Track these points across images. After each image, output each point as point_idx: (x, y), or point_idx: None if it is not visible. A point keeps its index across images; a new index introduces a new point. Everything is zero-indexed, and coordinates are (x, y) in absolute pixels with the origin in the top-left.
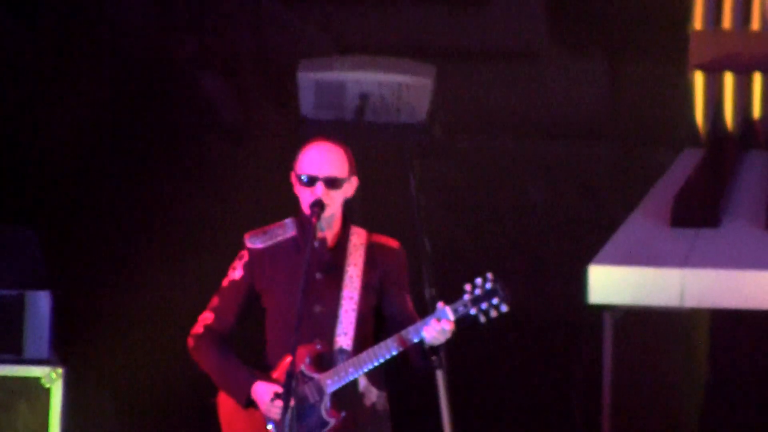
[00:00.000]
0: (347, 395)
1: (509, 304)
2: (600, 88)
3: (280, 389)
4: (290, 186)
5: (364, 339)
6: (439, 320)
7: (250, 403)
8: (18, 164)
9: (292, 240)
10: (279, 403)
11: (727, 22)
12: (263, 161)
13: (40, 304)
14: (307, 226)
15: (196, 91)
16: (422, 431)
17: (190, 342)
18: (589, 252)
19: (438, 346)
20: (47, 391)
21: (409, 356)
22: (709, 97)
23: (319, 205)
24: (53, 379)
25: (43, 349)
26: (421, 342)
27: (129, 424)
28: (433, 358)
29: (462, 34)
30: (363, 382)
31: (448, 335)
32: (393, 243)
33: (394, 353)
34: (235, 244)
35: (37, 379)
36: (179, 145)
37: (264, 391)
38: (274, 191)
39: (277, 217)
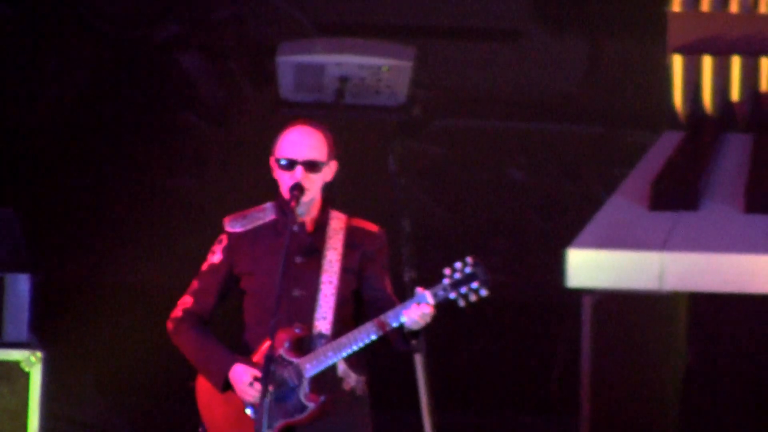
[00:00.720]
0: (326, 379)
1: (489, 288)
2: (580, 68)
3: (258, 372)
4: (268, 166)
5: (344, 323)
6: (418, 304)
7: (227, 387)
8: (1, 145)
9: (272, 224)
10: (257, 386)
11: (705, 4)
12: (243, 142)
13: (20, 287)
14: (286, 209)
15: (176, 72)
16: (401, 415)
17: (170, 325)
18: (569, 232)
19: (418, 329)
20: (27, 375)
21: (390, 340)
22: (688, 80)
23: (298, 189)
24: (33, 363)
25: (23, 332)
26: (401, 326)
27: (110, 408)
28: (413, 342)
29: (442, 14)
30: (342, 367)
31: (428, 319)
32: (373, 227)
33: (374, 337)
34: (214, 226)
35: (16, 363)
36: (159, 126)
37: (242, 374)
38: (253, 172)
39: (257, 198)
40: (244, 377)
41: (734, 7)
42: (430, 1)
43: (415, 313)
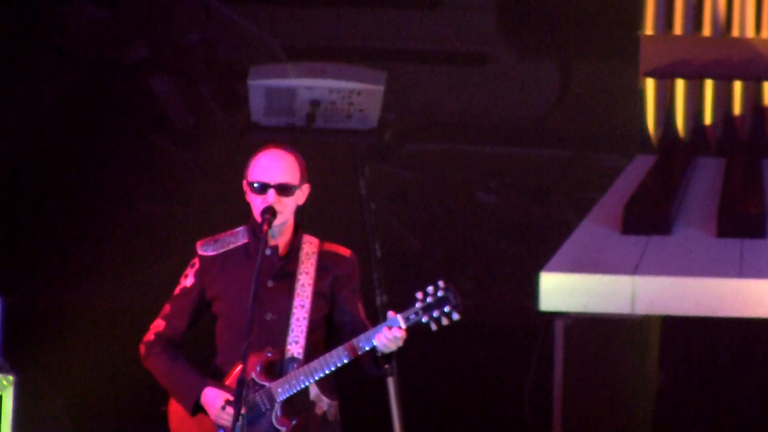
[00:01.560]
0: (298, 403)
1: (461, 312)
2: (551, 91)
3: (230, 396)
4: (239, 190)
5: (316, 347)
6: (390, 328)
7: (197, 409)
8: None
9: (244, 247)
10: (230, 410)
11: (677, 27)
12: (213, 165)
13: None
14: (258, 233)
15: (145, 95)
16: None
17: (142, 349)
18: (541, 256)
19: (390, 353)
20: None
21: (362, 363)
22: (660, 103)
23: (270, 212)
24: (4, 386)
25: None
26: (373, 350)
27: (82, 431)
28: (386, 366)
29: (412, 37)
30: (314, 391)
31: (400, 343)
32: (345, 251)
33: (346, 361)
34: (185, 249)
35: None
36: (129, 149)
37: (214, 398)
38: (224, 196)
39: (227, 222)
40: (216, 401)
41: (706, 31)
42: (400, 25)
43: (387, 336)
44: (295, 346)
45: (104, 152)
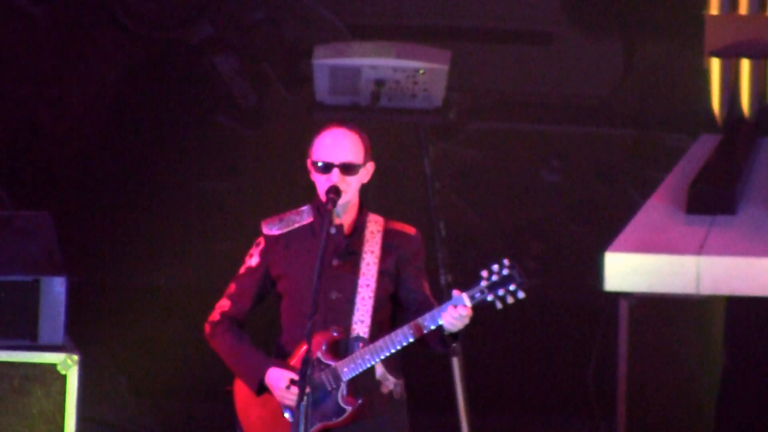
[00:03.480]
0: (364, 382)
1: (526, 290)
2: (615, 70)
3: (295, 375)
4: (304, 169)
5: (381, 326)
6: (455, 306)
7: (262, 389)
8: (32, 148)
9: (309, 226)
10: (294, 389)
11: (743, 7)
12: (277, 144)
13: (56, 289)
14: (323, 212)
15: (210, 74)
16: (439, 418)
17: (207, 329)
18: (605, 236)
19: (457, 332)
20: (63, 378)
21: (428, 342)
22: (725, 83)
23: (335, 192)
24: (69, 366)
25: (59, 335)
26: (439, 328)
27: (145, 410)
28: (453, 345)
29: (477, 16)
30: (380, 370)
31: (466, 321)
32: (410, 229)
33: (411, 340)
34: (248, 228)
35: (52, 366)
36: (193, 128)
37: (279, 377)
38: (287, 175)
39: (291, 201)
40: (280, 381)
41: None
42: (464, 4)
43: (452, 315)
44: (361, 325)
45: (168, 131)
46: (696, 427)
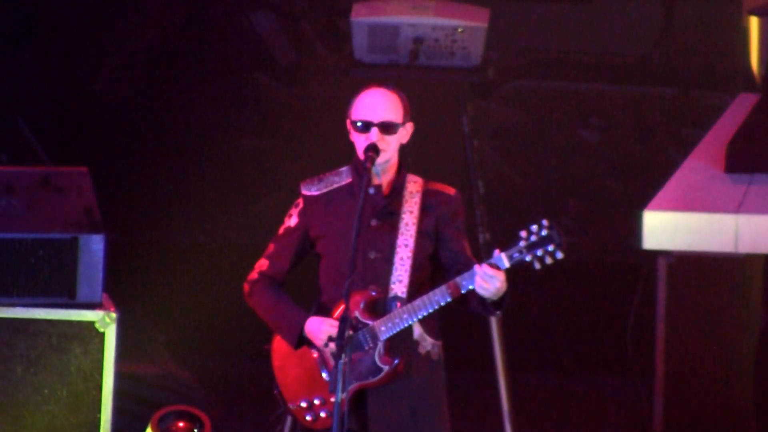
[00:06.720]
0: (401, 342)
1: (565, 251)
2: (654, 28)
3: (334, 325)
4: (343, 127)
5: (420, 286)
6: (491, 266)
7: (301, 342)
8: (71, 104)
9: (348, 186)
10: (333, 346)
11: None
12: (316, 102)
13: (94, 247)
14: (362, 172)
15: (249, 32)
16: (476, 376)
17: (246, 288)
18: (643, 194)
19: (500, 300)
20: (101, 335)
21: (469, 303)
22: (764, 41)
23: (373, 150)
24: (107, 323)
25: (97, 292)
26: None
27: (182, 368)
28: (497, 312)
29: None
30: (417, 330)
31: (497, 284)
32: (449, 190)
33: (449, 300)
34: (286, 186)
35: (91, 323)
36: (232, 86)
37: (319, 325)
38: (325, 133)
39: (329, 159)
40: (321, 327)
41: None
42: None
43: (479, 274)
44: (399, 285)
45: (208, 89)
46: (734, 386)
